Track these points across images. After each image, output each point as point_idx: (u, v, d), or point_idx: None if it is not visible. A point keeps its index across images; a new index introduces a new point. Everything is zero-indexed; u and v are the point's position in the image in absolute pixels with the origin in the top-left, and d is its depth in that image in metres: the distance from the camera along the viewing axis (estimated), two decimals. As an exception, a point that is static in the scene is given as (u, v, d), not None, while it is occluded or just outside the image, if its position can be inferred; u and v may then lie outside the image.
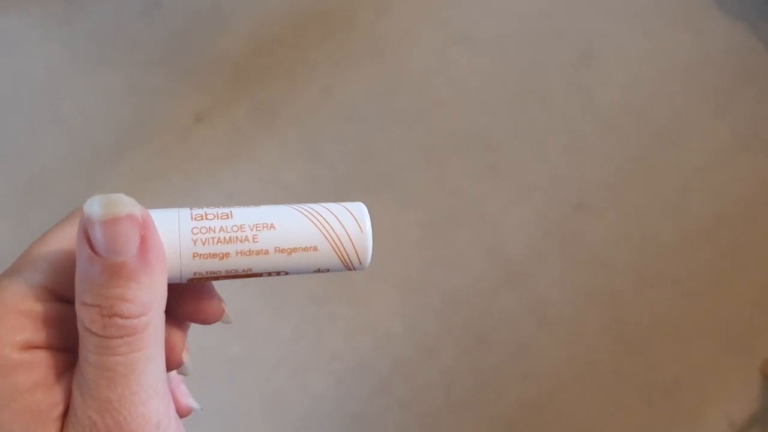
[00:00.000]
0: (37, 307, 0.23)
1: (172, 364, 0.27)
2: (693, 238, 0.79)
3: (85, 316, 0.22)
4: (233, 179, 0.81)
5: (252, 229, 0.24)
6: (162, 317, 0.23)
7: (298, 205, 0.25)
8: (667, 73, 0.87)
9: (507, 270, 0.77)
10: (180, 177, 0.81)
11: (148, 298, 0.22)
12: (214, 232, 0.24)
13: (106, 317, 0.21)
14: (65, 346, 0.23)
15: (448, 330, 0.75)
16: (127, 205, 0.22)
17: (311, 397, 0.72)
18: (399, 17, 0.89)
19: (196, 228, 0.23)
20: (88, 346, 0.22)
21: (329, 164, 0.81)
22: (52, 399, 0.22)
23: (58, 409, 0.22)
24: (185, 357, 0.27)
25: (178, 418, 0.24)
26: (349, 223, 0.24)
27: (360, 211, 0.25)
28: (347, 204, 0.25)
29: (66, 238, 0.25)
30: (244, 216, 0.24)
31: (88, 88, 0.86)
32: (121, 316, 0.21)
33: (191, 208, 0.24)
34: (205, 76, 0.86)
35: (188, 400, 0.28)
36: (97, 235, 0.21)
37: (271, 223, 0.24)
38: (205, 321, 0.27)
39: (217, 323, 0.28)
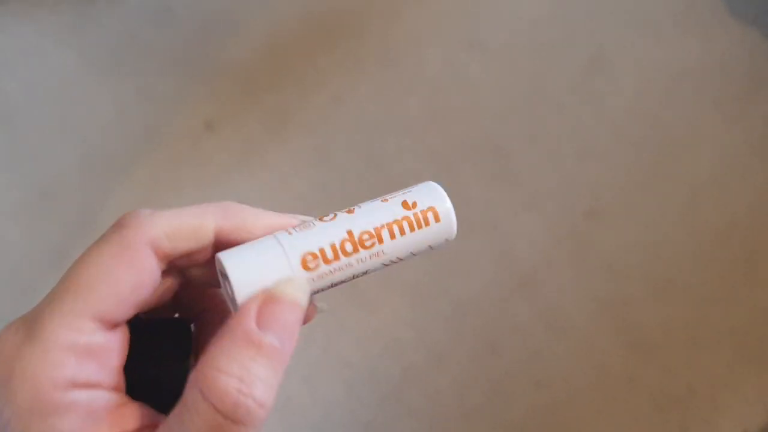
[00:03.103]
0: (81, 340, 0.22)
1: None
2: (705, 244, 0.78)
3: (218, 385, 0.21)
4: (244, 186, 0.81)
5: (364, 263, 0.25)
6: None
7: (392, 213, 0.26)
8: (679, 79, 0.86)
9: (518, 277, 0.77)
10: (191, 184, 0.81)
11: (275, 390, 0.21)
12: (329, 275, 0.25)
13: (242, 395, 0.20)
14: (109, 382, 0.23)
15: (459, 337, 0.75)
16: (306, 295, 0.23)
17: (322, 405, 0.72)
18: (410, 24, 0.89)
19: (311, 279, 0.24)
20: (195, 419, 0.21)
21: (340, 171, 0.81)
22: None
23: None
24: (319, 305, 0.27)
25: None
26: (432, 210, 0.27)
27: (433, 189, 0.28)
28: (420, 195, 0.27)
29: (110, 263, 0.23)
30: (362, 263, 0.25)
31: (100, 97, 0.86)
32: (254, 399, 0.21)
33: (303, 254, 0.24)
34: (216, 84, 0.86)
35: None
36: (271, 311, 0.22)
37: (378, 252, 0.26)
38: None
39: None
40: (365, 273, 0.26)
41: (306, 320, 0.26)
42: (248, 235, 0.25)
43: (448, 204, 0.27)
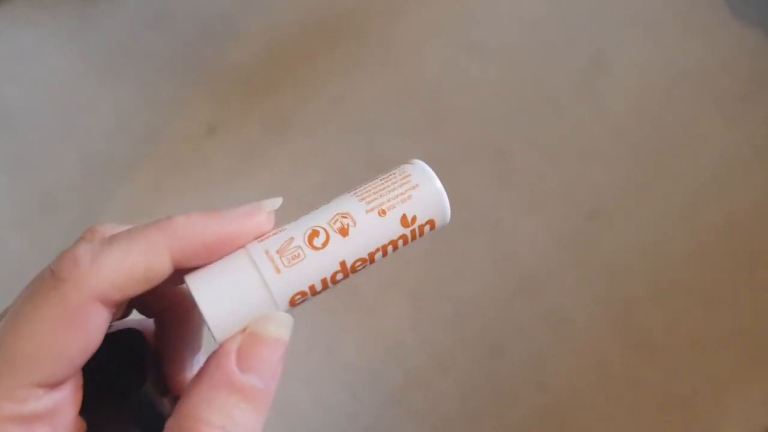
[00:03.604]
0: (27, 409, 0.20)
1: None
2: (708, 245, 0.78)
3: None
4: (246, 189, 0.81)
5: (348, 281, 0.24)
6: None
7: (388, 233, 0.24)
8: (680, 80, 0.86)
9: (520, 279, 0.77)
10: (193, 187, 0.81)
11: None
12: (312, 299, 0.23)
13: None
14: None
15: (461, 340, 0.74)
16: (290, 330, 0.21)
17: (324, 408, 0.72)
18: (410, 26, 0.89)
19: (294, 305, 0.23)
20: None
21: (340, 173, 0.81)
22: None
23: None
24: None
25: None
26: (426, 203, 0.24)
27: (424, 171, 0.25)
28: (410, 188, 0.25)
29: (54, 331, 0.21)
30: (347, 281, 0.23)
31: (101, 100, 0.86)
32: None
33: (292, 295, 0.22)
34: (217, 87, 0.86)
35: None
36: (253, 351, 0.20)
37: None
38: None
39: None
40: None
41: None
42: (212, 257, 0.22)
43: (448, 214, 0.25)
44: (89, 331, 0.21)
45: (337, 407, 0.72)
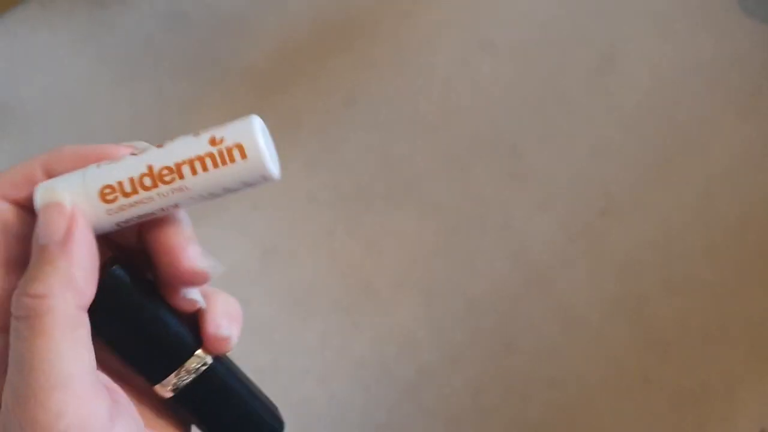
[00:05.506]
0: None
1: (182, 272, 0.26)
2: (720, 241, 0.78)
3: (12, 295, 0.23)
4: (258, 189, 0.81)
5: (167, 197, 0.26)
6: (76, 311, 0.23)
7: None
8: (691, 76, 0.86)
9: (532, 276, 0.77)
10: (205, 187, 0.82)
11: (58, 282, 0.22)
12: (132, 207, 0.25)
13: (18, 295, 0.22)
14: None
15: (474, 337, 0.75)
16: (58, 195, 0.24)
17: (338, 406, 0.72)
18: (421, 25, 0.89)
19: (113, 210, 0.25)
20: (11, 330, 0.23)
21: (353, 173, 0.82)
22: None
23: None
24: (197, 260, 0.27)
25: (125, 421, 0.24)
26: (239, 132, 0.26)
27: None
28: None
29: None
30: (165, 197, 0.26)
31: (115, 101, 0.87)
32: (27, 295, 0.22)
33: (101, 187, 0.25)
34: (230, 86, 0.87)
35: (194, 263, 0.27)
36: (39, 218, 0.24)
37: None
38: (186, 279, 0.27)
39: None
40: (176, 206, 0.26)
41: (198, 280, 0.26)
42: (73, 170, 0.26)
43: (257, 141, 0.26)
44: None
45: (351, 404, 0.73)
